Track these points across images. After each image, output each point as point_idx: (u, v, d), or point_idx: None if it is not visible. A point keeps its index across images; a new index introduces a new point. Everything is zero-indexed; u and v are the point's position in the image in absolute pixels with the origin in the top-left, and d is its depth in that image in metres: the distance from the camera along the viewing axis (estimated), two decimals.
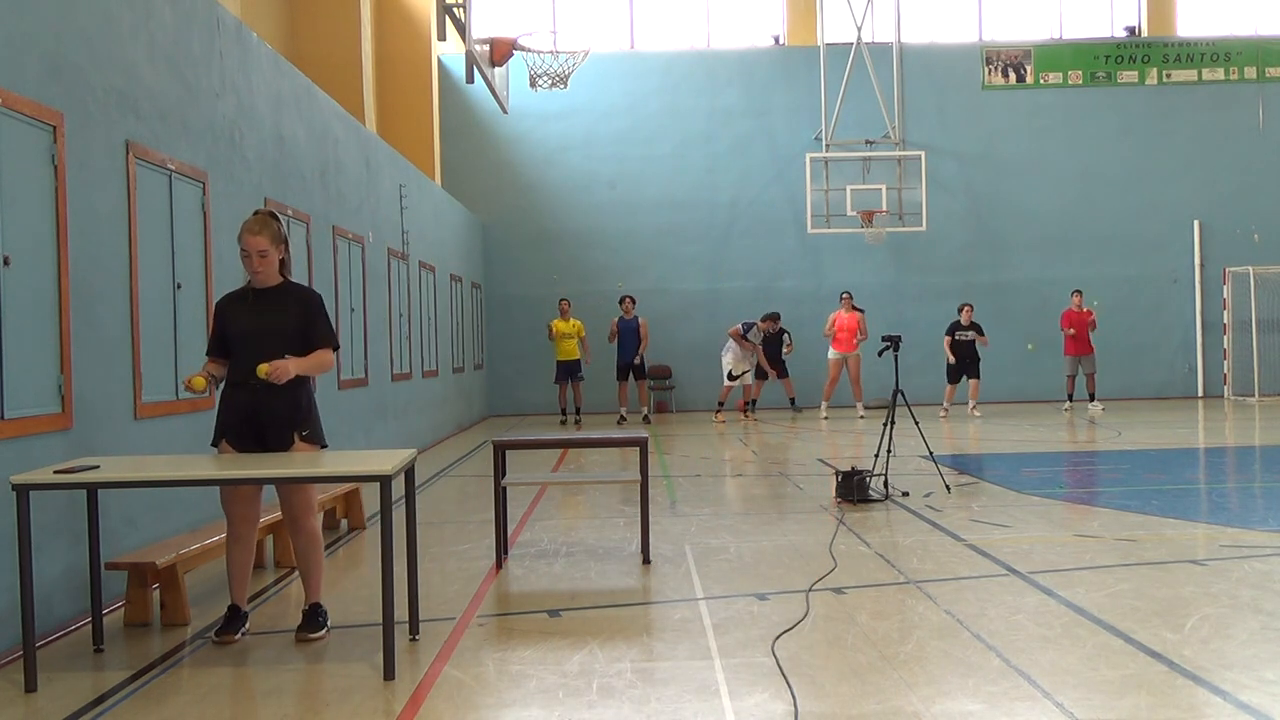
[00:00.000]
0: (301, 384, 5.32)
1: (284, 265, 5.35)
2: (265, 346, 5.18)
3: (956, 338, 17.53)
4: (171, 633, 5.49)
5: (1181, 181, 20.63)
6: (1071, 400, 18.22)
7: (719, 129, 20.67)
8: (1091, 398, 18.00)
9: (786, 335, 18.73)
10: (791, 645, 4.92)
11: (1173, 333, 20.59)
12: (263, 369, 5.07)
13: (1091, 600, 5.57)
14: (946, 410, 17.71)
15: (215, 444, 5.39)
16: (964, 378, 17.66)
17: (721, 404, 18.20)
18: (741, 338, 17.82)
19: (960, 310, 17.72)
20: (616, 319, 18.14)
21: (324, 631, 5.31)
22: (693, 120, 20.63)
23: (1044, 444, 13.55)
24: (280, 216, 5.29)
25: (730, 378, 17.84)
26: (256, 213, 5.33)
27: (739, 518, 8.49)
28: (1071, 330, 17.79)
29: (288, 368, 5.12)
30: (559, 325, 17.84)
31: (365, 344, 11.77)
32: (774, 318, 18.72)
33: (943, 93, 20.69)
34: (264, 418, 5.25)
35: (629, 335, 18.06)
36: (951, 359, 17.58)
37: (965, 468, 10.79)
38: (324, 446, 5.46)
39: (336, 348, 5.47)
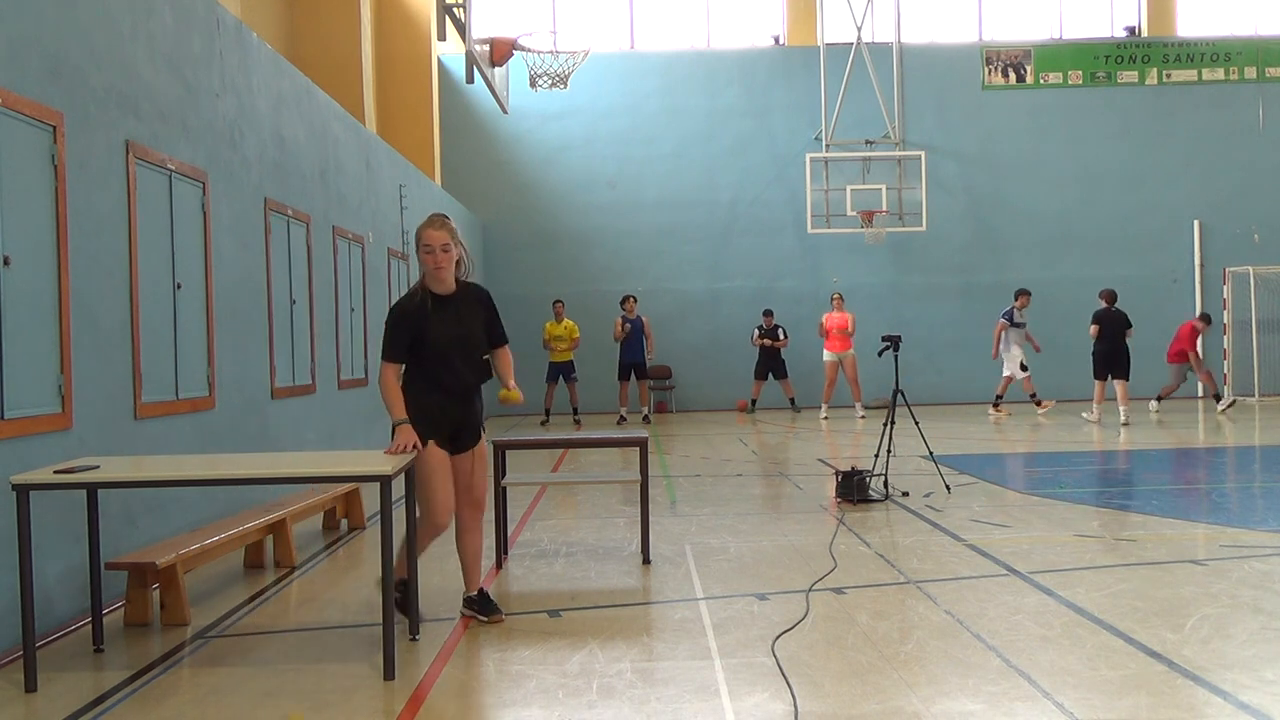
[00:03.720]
0: (479, 390, 5.46)
1: (460, 266, 5.33)
2: (467, 355, 5.30)
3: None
4: (171, 633, 5.49)
5: (1181, 181, 20.62)
6: (1219, 400, 17.87)
7: (719, 129, 20.66)
8: (1215, 397, 17.79)
9: (781, 330, 18.77)
10: (791, 645, 4.92)
11: (1173, 333, 20.56)
12: (515, 398, 5.43)
13: (1091, 600, 5.57)
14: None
15: (423, 444, 5.25)
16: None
17: (1000, 397, 17.40)
18: (1010, 325, 17.11)
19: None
20: (621, 318, 18.12)
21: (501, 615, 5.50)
22: (693, 120, 20.63)
23: (1044, 444, 13.54)
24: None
25: (1023, 368, 17.13)
26: (431, 216, 5.43)
27: (739, 518, 8.49)
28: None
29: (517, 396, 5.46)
30: (552, 328, 17.80)
31: (365, 344, 11.77)
32: (768, 314, 18.85)
33: (943, 93, 20.68)
34: (469, 422, 5.41)
35: (633, 336, 18.06)
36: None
37: (965, 468, 10.79)
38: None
39: (506, 341, 5.58)
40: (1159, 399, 17.81)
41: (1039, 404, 17.26)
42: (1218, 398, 17.82)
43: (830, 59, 20.32)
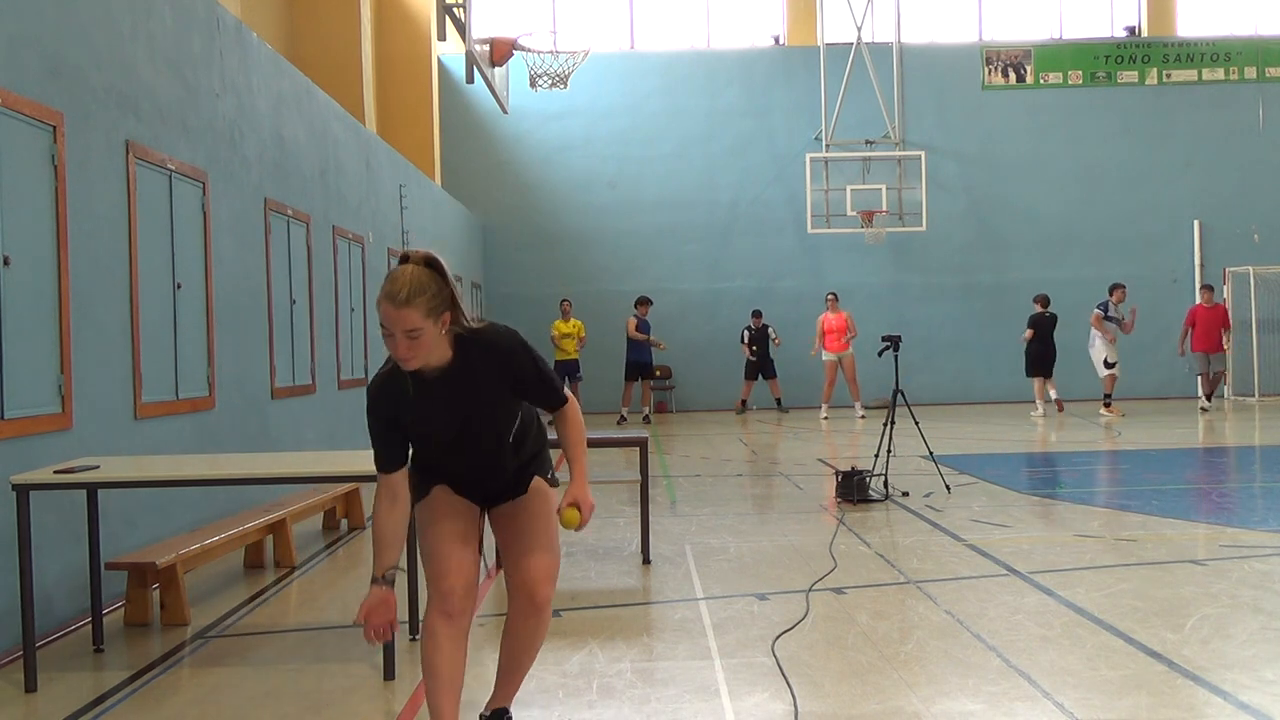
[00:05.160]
0: (527, 441, 3.69)
1: (455, 320, 3.34)
2: (481, 446, 3.55)
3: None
4: (171, 633, 5.49)
5: (1181, 181, 20.62)
6: (1210, 399, 17.69)
7: (719, 129, 20.66)
8: (1209, 397, 17.60)
9: (771, 330, 18.78)
10: (791, 645, 4.91)
11: (1173, 333, 20.47)
12: (572, 521, 3.54)
13: (1091, 600, 5.57)
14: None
15: (426, 493, 3.64)
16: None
17: (1109, 396, 16.96)
18: (1104, 320, 16.87)
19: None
20: (634, 320, 18.14)
21: None
22: (693, 120, 20.63)
23: (1044, 444, 13.54)
24: (441, 262, 3.32)
25: (1107, 365, 16.87)
26: (406, 257, 3.30)
27: (739, 518, 8.49)
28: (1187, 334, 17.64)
29: (588, 499, 3.56)
30: (560, 326, 17.87)
31: (365, 344, 11.77)
32: (757, 315, 18.85)
33: (943, 93, 20.69)
34: (506, 487, 3.69)
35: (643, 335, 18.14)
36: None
37: (965, 468, 10.79)
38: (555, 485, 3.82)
39: (565, 400, 3.62)
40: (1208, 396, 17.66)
41: (1107, 405, 16.85)
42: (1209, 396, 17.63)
43: (830, 59, 20.32)
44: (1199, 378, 17.85)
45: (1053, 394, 17.33)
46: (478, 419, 3.48)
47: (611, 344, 18.64)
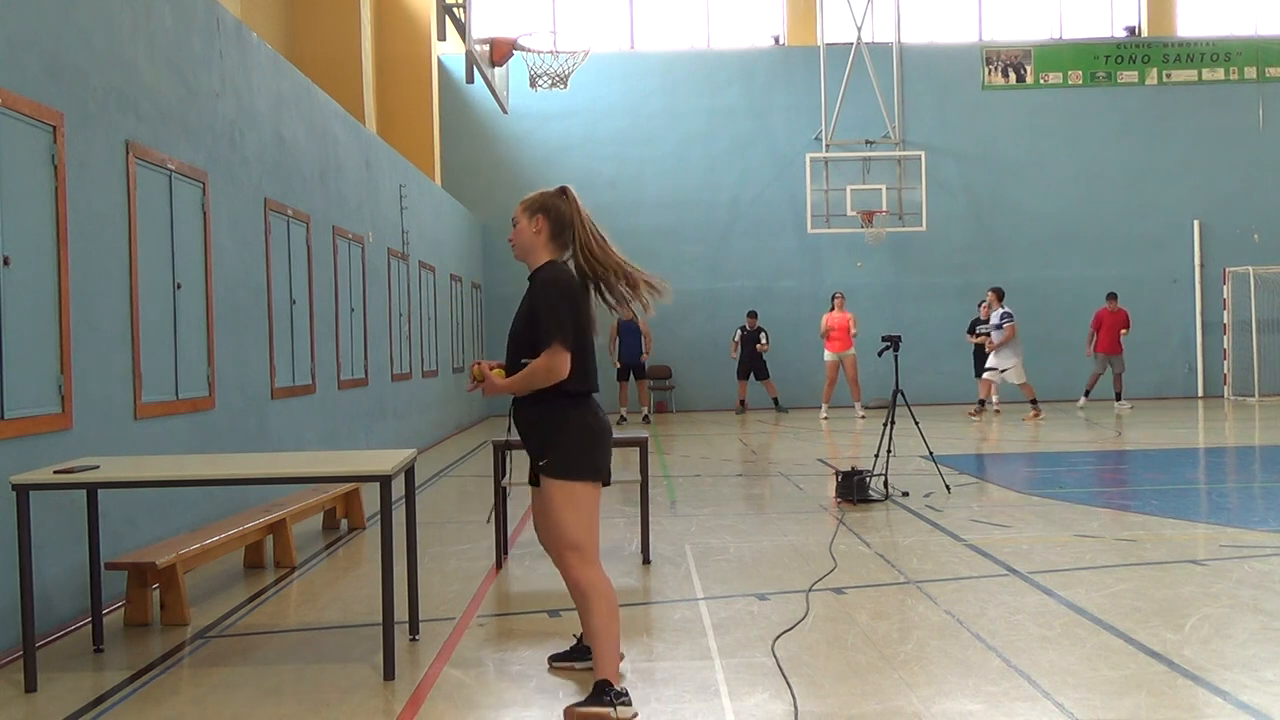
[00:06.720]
0: (543, 398, 4.19)
1: (554, 240, 4.45)
2: (513, 356, 4.27)
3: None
4: (171, 633, 5.49)
5: (1181, 181, 20.62)
6: (1087, 397, 18.20)
7: (719, 129, 20.67)
8: (1118, 396, 17.94)
9: (763, 333, 18.80)
10: (791, 645, 4.91)
11: (1173, 333, 20.59)
12: (475, 371, 4.26)
13: (1091, 600, 5.57)
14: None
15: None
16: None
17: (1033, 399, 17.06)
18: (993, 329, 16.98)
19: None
20: (615, 322, 18.14)
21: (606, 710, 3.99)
22: (693, 120, 20.63)
23: (1044, 444, 13.54)
24: (570, 190, 4.51)
25: (995, 369, 16.98)
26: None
27: (739, 518, 8.49)
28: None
29: (493, 385, 4.22)
30: None
31: (365, 344, 11.77)
32: (752, 315, 18.87)
33: (943, 93, 20.69)
34: (528, 443, 4.31)
35: (630, 337, 18.12)
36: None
37: (965, 468, 10.79)
38: (589, 480, 4.34)
39: (562, 343, 4.12)
40: (1118, 396, 18.02)
41: (979, 409, 17.49)
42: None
43: (830, 59, 20.32)
44: (1092, 376, 18.14)
45: (982, 395, 17.77)
46: (513, 329, 4.31)
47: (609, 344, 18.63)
